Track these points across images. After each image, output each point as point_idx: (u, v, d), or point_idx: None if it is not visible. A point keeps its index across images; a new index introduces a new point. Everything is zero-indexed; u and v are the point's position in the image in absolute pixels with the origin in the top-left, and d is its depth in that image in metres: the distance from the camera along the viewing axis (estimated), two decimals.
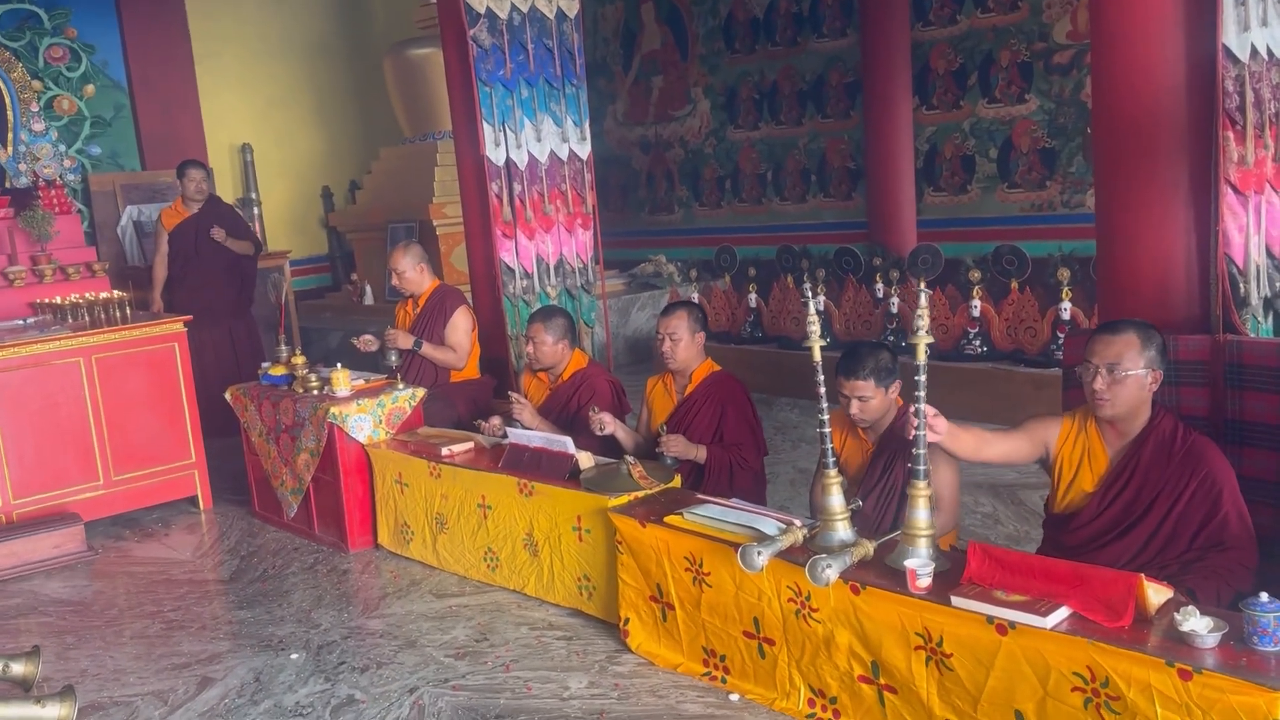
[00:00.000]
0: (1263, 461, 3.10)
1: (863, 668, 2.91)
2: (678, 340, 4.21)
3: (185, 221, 7.04)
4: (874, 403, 3.43)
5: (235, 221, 7.27)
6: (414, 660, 3.62)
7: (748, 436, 4.21)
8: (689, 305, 4.37)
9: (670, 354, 4.23)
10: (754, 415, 4.28)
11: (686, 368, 4.28)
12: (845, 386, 3.40)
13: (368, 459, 4.74)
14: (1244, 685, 2.17)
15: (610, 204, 11.22)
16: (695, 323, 4.25)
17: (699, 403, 4.24)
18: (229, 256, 7.06)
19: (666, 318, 4.27)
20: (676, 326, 4.22)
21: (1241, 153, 3.10)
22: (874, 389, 3.40)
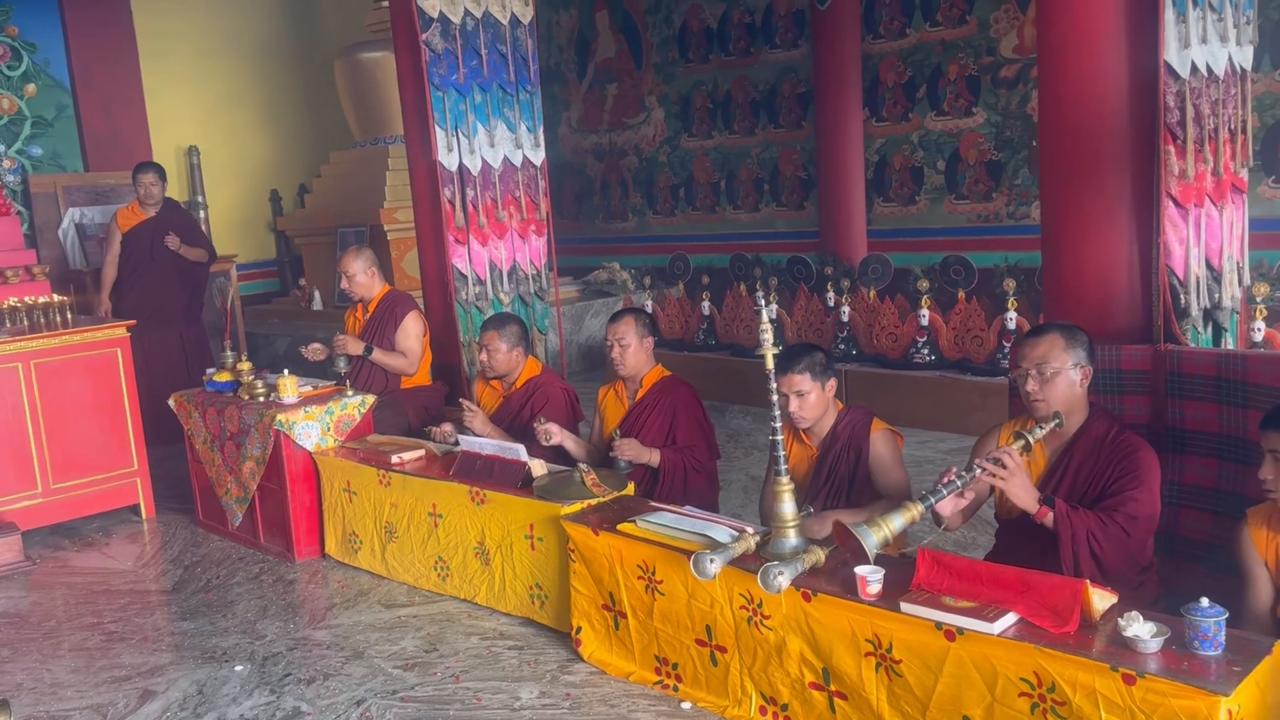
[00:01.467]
0: (1202, 469, 3.17)
1: (814, 674, 2.92)
2: (626, 346, 4.21)
3: (141, 225, 6.88)
4: (811, 398, 3.46)
5: (191, 228, 7.14)
6: (362, 671, 3.57)
7: (699, 439, 4.22)
8: (636, 311, 4.37)
9: (619, 360, 4.23)
10: (705, 417, 4.28)
11: (636, 373, 4.28)
12: (783, 383, 3.42)
13: (315, 467, 4.67)
14: (1185, 689, 2.21)
15: (565, 211, 11.20)
16: (643, 328, 4.26)
17: (650, 407, 4.24)
18: (182, 263, 6.92)
19: (614, 324, 4.27)
20: (624, 332, 4.22)
21: (1182, 166, 3.18)
22: (810, 383, 3.44)
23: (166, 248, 6.80)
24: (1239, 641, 2.35)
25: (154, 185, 6.84)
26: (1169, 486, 3.23)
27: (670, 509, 3.51)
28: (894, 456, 3.53)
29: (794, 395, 3.44)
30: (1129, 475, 2.86)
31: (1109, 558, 2.82)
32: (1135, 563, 2.89)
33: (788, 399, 3.44)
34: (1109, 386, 3.28)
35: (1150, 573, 3.03)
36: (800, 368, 3.44)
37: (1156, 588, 3.03)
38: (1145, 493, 2.85)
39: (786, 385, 3.43)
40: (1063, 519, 2.83)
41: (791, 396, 3.44)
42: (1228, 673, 2.24)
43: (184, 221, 7.12)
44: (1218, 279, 3.37)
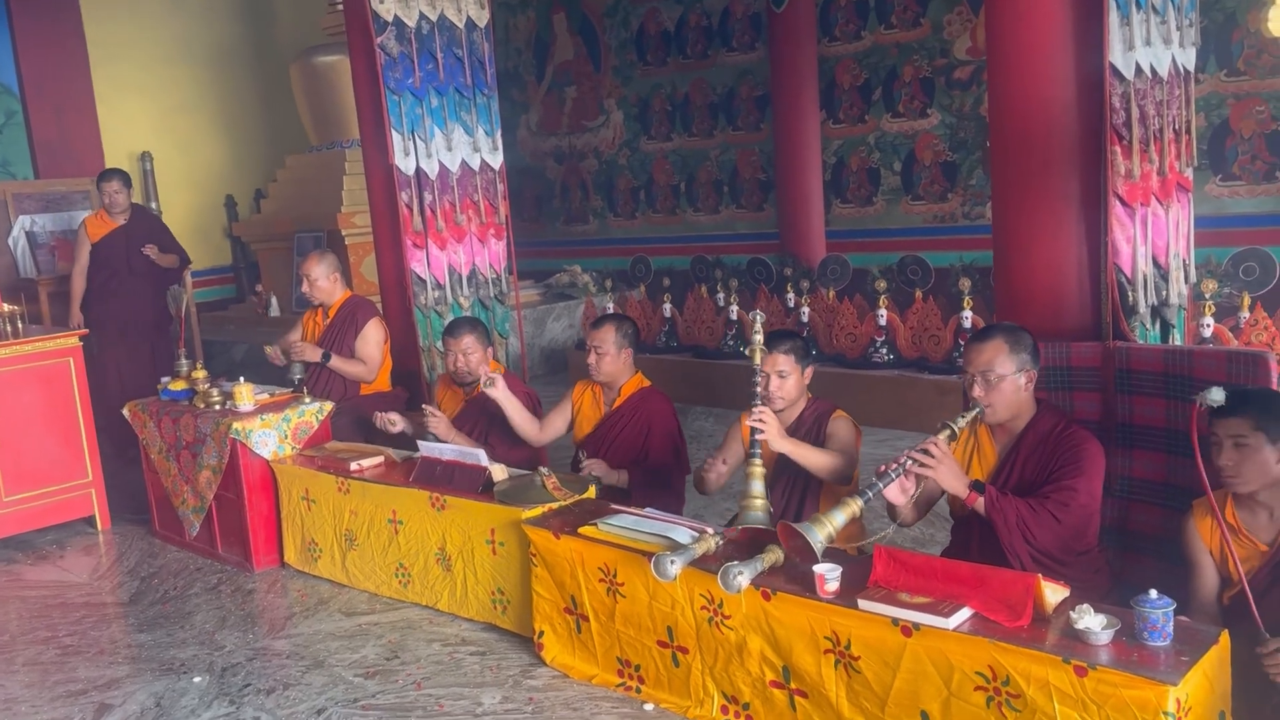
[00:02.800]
0: (1151, 463, 3.23)
1: (774, 673, 2.94)
2: (603, 353, 4.16)
3: (113, 234, 6.71)
4: (791, 381, 3.54)
5: (163, 233, 6.97)
6: (322, 680, 3.54)
7: (671, 457, 4.21)
8: (619, 319, 4.31)
9: (595, 366, 4.18)
10: (679, 435, 4.27)
11: (614, 381, 4.24)
12: (767, 362, 3.50)
13: (273, 475, 4.62)
14: (1136, 680, 2.26)
15: (525, 214, 11.18)
16: (623, 337, 4.20)
17: (626, 417, 4.21)
18: (158, 271, 6.74)
19: (595, 330, 4.22)
20: (603, 340, 4.17)
21: (1128, 166, 3.24)
22: (793, 365, 3.54)
23: (143, 256, 6.64)
24: (1187, 632, 2.41)
25: (118, 193, 6.68)
26: (1120, 481, 3.30)
27: (631, 511, 3.51)
28: (850, 442, 3.58)
29: (776, 375, 3.52)
30: (1070, 465, 2.92)
31: (1041, 543, 2.88)
32: (1071, 549, 2.95)
33: (769, 378, 3.51)
34: (1059, 383, 3.34)
35: (1101, 565, 3.09)
36: (785, 349, 3.54)
37: (1108, 580, 3.09)
38: (1084, 481, 2.91)
39: (770, 364, 3.51)
40: (992, 504, 2.89)
41: (774, 376, 3.52)
42: (1176, 663, 2.29)
43: (155, 227, 6.97)
44: (1165, 276, 3.43)
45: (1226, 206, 7.02)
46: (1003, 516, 2.90)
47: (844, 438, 3.59)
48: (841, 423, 3.61)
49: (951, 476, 2.94)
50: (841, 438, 3.59)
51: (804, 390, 3.66)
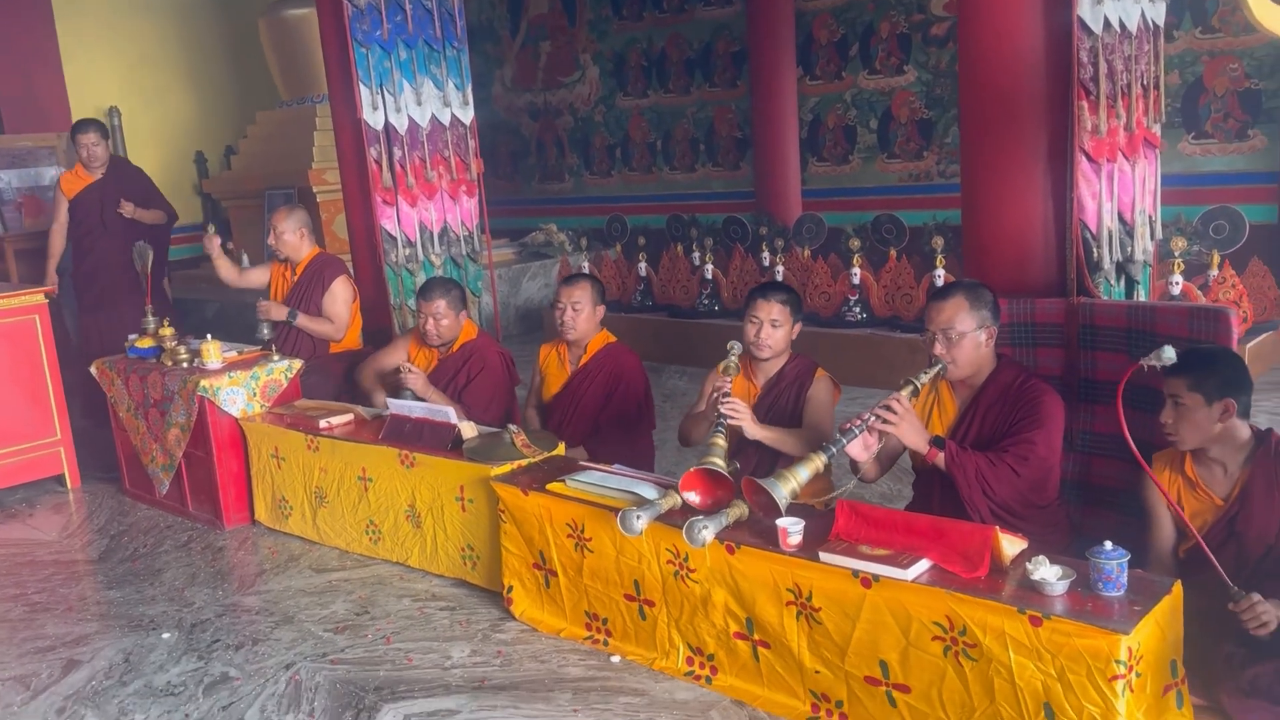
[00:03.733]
0: (1113, 418, 3.23)
1: (738, 624, 2.97)
2: (580, 310, 4.15)
3: (88, 188, 6.41)
4: (781, 332, 3.57)
5: (145, 188, 6.61)
6: (291, 636, 3.55)
7: (633, 411, 4.22)
8: (591, 277, 4.33)
9: (571, 323, 4.17)
10: (646, 391, 4.28)
11: (584, 338, 4.24)
12: (760, 308, 3.55)
13: (242, 433, 4.60)
14: (1088, 629, 2.29)
15: (500, 172, 11.09)
16: (597, 295, 4.22)
17: (593, 374, 4.22)
18: (139, 229, 6.39)
19: (570, 286, 4.20)
20: (580, 296, 4.16)
21: (1095, 122, 3.24)
22: (786, 316, 3.57)
23: (120, 215, 6.33)
24: (1141, 582, 2.45)
25: (95, 145, 6.33)
26: (1081, 436, 3.33)
27: (599, 468, 3.53)
28: (828, 404, 3.62)
29: (768, 323, 3.55)
30: (1029, 419, 2.95)
31: (1000, 496, 2.92)
32: (1030, 502, 2.99)
33: (760, 325, 3.53)
34: (1024, 339, 3.36)
35: (1061, 518, 3.13)
36: (782, 299, 3.58)
37: (1067, 533, 3.13)
38: (1042, 435, 2.94)
39: (764, 311, 3.55)
40: (952, 459, 2.92)
41: (765, 323, 3.55)
42: (1129, 612, 2.33)
43: (136, 181, 6.61)
44: (1130, 232, 3.45)
45: (1198, 164, 7.05)
46: (962, 471, 2.93)
47: (823, 403, 3.59)
48: (822, 385, 3.62)
49: (913, 432, 2.97)
50: (820, 402, 3.60)
51: (788, 346, 3.67)
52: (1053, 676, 2.35)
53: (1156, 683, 2.38)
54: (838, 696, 2.78)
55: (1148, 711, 2.36)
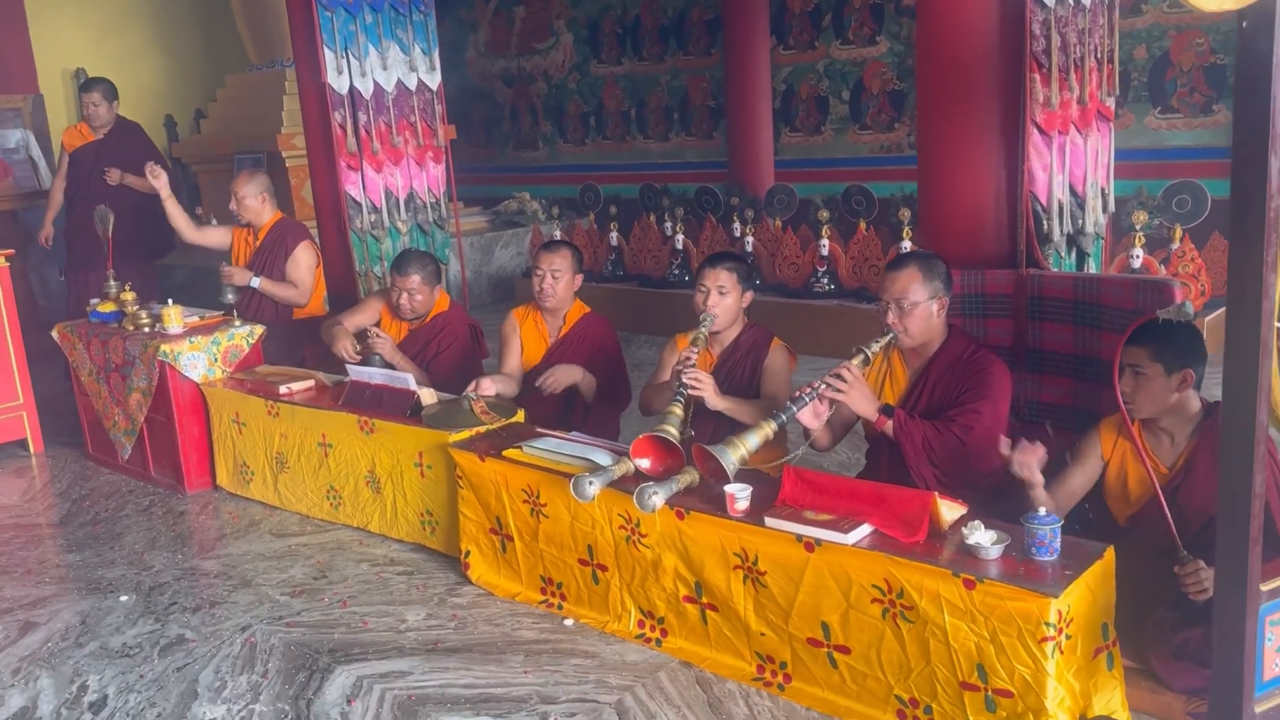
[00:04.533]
0: (1060, 388, 3.31)
1: (687, 588, 3.02)
2: (559, 277, 4.08)
3: (85, 148, 6.35)
4: (730, 299, 3.59)
5: (141, 154, 6.39)
6: (248, 599, 3.58)
7: (614, 381, 4.22)
8: (572, 245, 4.29)
9: (550, 290, 4.10)
10: (620, 357, 4.29)
11: (562, 307, 4.19)
12: (708, 276, 3.59)
13: (203, 398, 4.60)
14: (1020, 592, 2.35)
15: (474, 139, 11.03)
16: (578, 263, 4.17)
17: (573, 344, 4.17)
18: (132, 196, 6.27)
19: (550, 253, 4.13)
20: (561, 264, 4.09)
21: (1047, 94, 3.26)
22: (734, 283, 3.60)
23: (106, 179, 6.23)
24: (1074, 547, 2.50)
25: (96, 105, 6.25)
26: (1029, 405, 3.39)
27: (555, 434, 3.56)
28: (785, 373, 3.66)
29: (716, 290, 3.58)
30: (976, 389, 3.00)
31: (946, 464, 2.98)
32: (975, 470, 3.04)
33: (709, 293, 3.56)
34: (974, 310, 3.40)
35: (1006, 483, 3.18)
36: (729, 266, 3.61)
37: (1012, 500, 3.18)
38: (988, 405, 2.99)
39: (712, 280, 3.58)
40: (900, 427, 2.97)
41: (714, 291, 3.57)
42: (1060, 576, 2.39)
43: (135, 146, 6.47)
44: (1082, 205, 3.49)
45: (1164, 139, 7.10)
46: (909, 438, 2.98)
47: (779, 372, 3.63)
48: (779, 354, 3.65)
49: (862, 400, 3.01)
50: (778, 371, 3.63)
51: (740, 314, 3.69)
52: (985, 638, 2.41)
53: (1087, 645, 2.45)
54: (782, 658, 2.83)
55: (1077, 673, 2.42)
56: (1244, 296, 1.93)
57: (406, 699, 2.89)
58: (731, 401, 3.47)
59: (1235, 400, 1.98)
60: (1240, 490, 2.00)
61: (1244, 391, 1.96)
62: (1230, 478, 2.02)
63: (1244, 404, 1.96)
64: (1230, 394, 1.99)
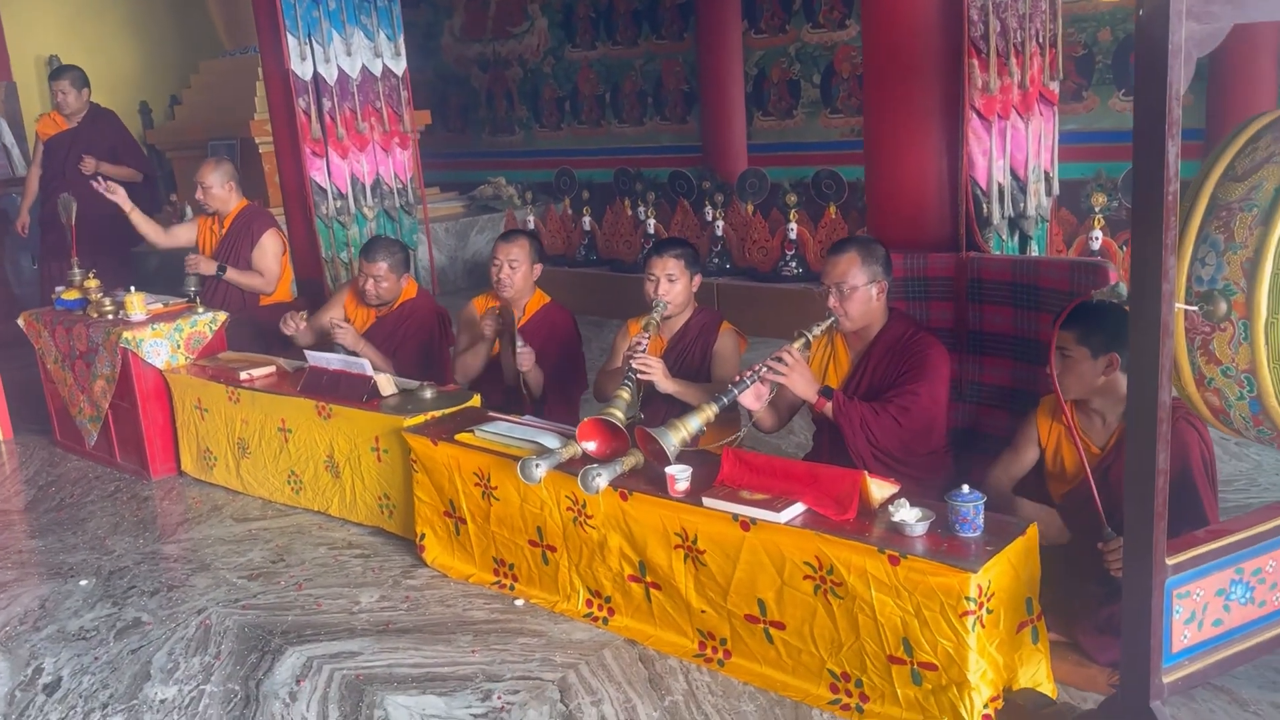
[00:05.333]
0: (999, 369, 3.37)
1: (632, 568, 3.08)
2: (516, 267, 4.09)
3: (58, 136, 6.31)
4: (679, 285, 3.63)
5: (120, 143, 6.44)
6: (206, 583, 3.63)
7: (570, 371, 4.25)
8: (530, 234, 4.31)
9: (508, 281, 4.10)
10: (579, 355, 4.30)
11: (520, 297, 4.20)
12: (655, 265, 3.64)
13: (166, 385, 4.64)
14: (941, 568, 2.41)
15: (450, 124, 11.03)
16: (535, 252, 4.18)
17: (532, 335, 4.19)
18: None
19: (507, 244, 4.13)
20: (518, 253, 4.10)
21: (985, 79, 3.31)
22: (682, 270, 3.64)
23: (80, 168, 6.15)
24: (997, 524, 2.56)
25: (65, 93, 6.20)
26: (970, 386, 3.45)
27: (507, 418, 3.60)
28: (734, 356, 3.71)
29: (665, 278, 3.62)
30: (913, 370, 3.06)
31: (884, 444, 3.04)
32: (913, 450, 3.10)
33: (658, 282, 3.60)
34: (917, 293, 3.45)
35: (946, 464, 3.25)
36: (676, 253, 3.65)
37: (952, 478, 3.23)
38: (925, 386, 3.05)
39: (660, 268, 3.62)
40: (839, 409, 3.03)
41: (663, 279, 3.62)
42: (982, 552, 2.45)
43: (110, 135, 6.43)
44: (1023, 188, 3.54)
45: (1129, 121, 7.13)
46: (848, 420, 3.04)
47: (729, 355, 3.69)
48: (728, 338, 3.71)
49: (803, 382, 3.07)
50: (726, 355, 3.69)
51: (690, 298, 3.74)
52: (910, 612, 2.47)
53: (1010, 619, 2.51)
54: (722, 634, 2.89)
55: (1000, 646, 2.48)
56: (1145, 279, 1.98)
57: (354, 678, 2.95)
58: (681, 385, 3.53)
59: (1139, 380, 2.04)
60: (1145, 467, 2.06)
61: (1146, 372, 2.02)
62: (1135, 455, 2.07)
63: (1147, 384, 2.02)
64: (1134, 374, 2.05)
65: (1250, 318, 2.05)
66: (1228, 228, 2.09)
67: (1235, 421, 2.23)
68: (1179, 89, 1.89)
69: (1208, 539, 2.23)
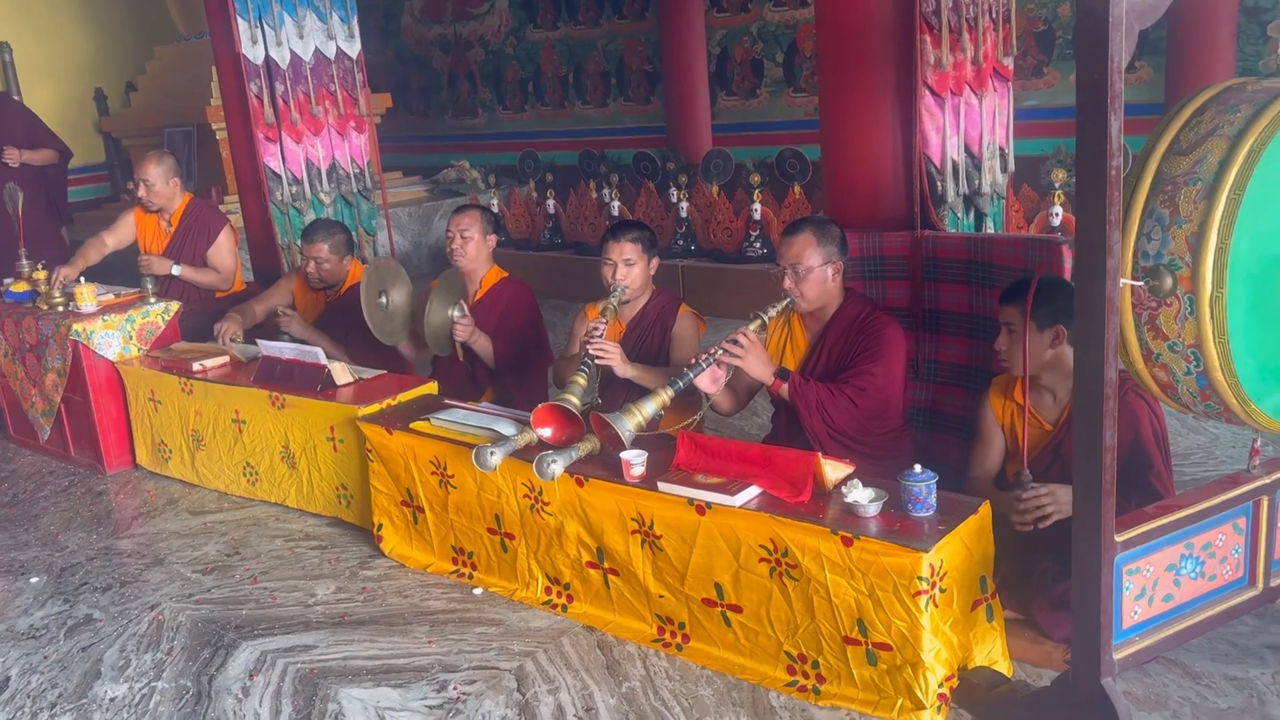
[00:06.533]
0: (955, 347, 3.36)
1: (589, 554, 3.05)
2: (469, 238, 4.08)
3: None
4: (637, 270, 3.59)
5: (28, 126, 6.31)
6: (160, 578, 3.57)
7: (532, 345, 4.21)
8: (482, 208, 4.30)
9: (461, 250, 4.10)
10: (540, 332, 4.25)
11: (476, 269, 4.18)
12: (612, 250, 3.58)
13: (119, 377, 4.55)
14: (894, 548, 2.40)
15: (413, 107, 10.90)
16: (488, 224, 4.17)
17: (487, 309, 4.18)
18: (27, 173, 6.15)
19: (458, 215, 4.16)
20: (469, 225, 4.10)
21: (938, 56, 3.28)
22: (639, 254, 3.60)
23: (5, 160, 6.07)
24: (950, 503, 2.55)
25: None
26: (928, 365, 3.44)
27: (464, 405, 3.56)
28: (692, 339, 3.68)
29: (622, 263, 3.57)
30: (869, 350, 3.05)
31: (840, 425, 3.02)
32: (870, 430, 3.09)
33: (615, 267, 3.55)
34: (873, 273, 3.44)
35: (904, 444, 3.24)
36: (632, 237, 3.59)
37: (911, 456, 3.23)
38: (880, 366, 3.04)
39: (616, 253, 3.57)
40: (795, 390, 3.01)
41: (620, 264, 3.57)
42: (934, 531, 2.44)
43: (18, 120, 6.31)
44: (978, 165, 3.52)
45: None
46: (803, 401, 3.02)
47: (687, 338, 3.65)
48: (686, 321, 3.68)
49: (759, 364, 3.04)
50: (685, 338, 3.65)
51: (649, 282, 3.71)
52: (864, 593, 2.46)
53: (964, 598, 2.50)
54: (680, 619, 2.88)
55: (954, 625, 2.48)
56: (1090, 255, 1.97)
57: (308, 672, 2.91)
58: (639, 369, 3.50)
59: (1085, 356, 2.03)
60: (1093, 443, 2.05)
61: (1092, 347, 2.00)
62: (1083, 432, 2.06)
63: (1093, 360, 2.01)
64: (1080, 350, 2.04)
65: (1195, 292, 2.04)
66: (1173, 202, 2.08)
67: (1183, 396, 2.23)
68: (1120, 62, 1.87)
69: (1157, 514, 2.23)
